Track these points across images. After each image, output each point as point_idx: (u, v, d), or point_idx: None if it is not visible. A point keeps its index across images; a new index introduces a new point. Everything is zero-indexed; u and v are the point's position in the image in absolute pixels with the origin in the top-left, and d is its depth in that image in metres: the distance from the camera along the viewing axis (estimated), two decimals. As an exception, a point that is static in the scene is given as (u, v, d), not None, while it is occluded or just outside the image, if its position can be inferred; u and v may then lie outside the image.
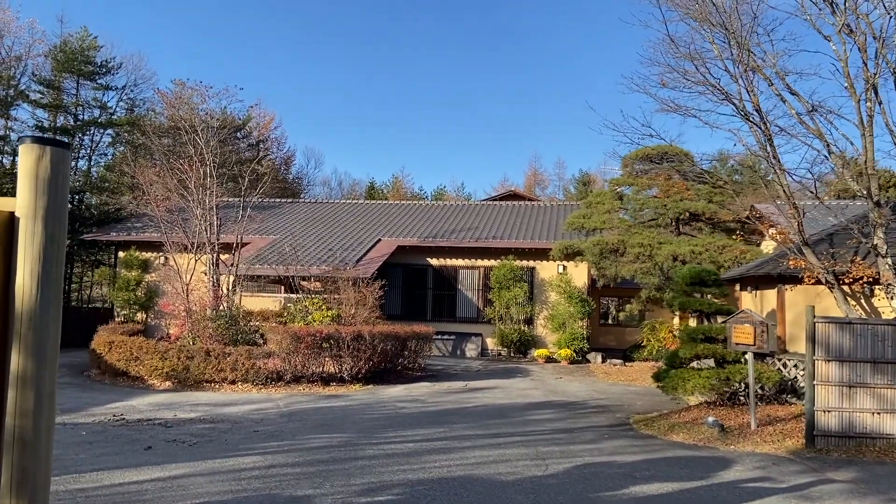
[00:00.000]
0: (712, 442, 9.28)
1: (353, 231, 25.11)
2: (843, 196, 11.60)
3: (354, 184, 61.98)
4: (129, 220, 27.02)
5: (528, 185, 60.55)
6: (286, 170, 44.40)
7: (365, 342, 14.99)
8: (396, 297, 23.43)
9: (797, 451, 8.62)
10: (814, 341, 8.69)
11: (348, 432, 9.74)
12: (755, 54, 10.23)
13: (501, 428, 10.36)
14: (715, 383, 10.59)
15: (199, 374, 14.64)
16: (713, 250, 17.98)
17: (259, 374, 14.61)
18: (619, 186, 20.98)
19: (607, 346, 25.41)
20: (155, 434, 9.48)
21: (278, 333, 14.82)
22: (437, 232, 24.67)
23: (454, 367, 19.33)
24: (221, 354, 14.70)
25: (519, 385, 16.00)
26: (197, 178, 17.61)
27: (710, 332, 10.98)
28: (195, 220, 17.78)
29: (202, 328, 16.34)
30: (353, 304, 17.90)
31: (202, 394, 13.81)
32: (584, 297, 22.72)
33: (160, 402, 12.58)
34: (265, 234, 24.48)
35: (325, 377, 15.13)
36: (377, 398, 13.57)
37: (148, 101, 33.96)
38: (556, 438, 9.56)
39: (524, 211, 27.72)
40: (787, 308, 12.14)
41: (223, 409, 11.82)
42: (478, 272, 23.80)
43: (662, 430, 10.26)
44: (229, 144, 29.48)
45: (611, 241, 18.80)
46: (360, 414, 11.54)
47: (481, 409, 12.41)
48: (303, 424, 10.38)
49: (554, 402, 13.59)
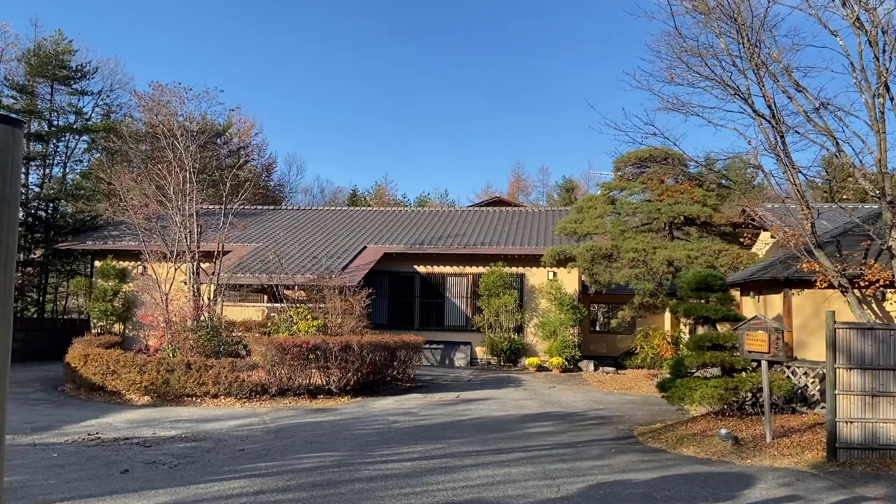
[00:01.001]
0: (726, 456, 8.79)
1: (337, 238, 24.48)
2: (849, 198, 11.18)
3: (337, 191, 61.27)
4: (105, 228, 26.18)
5: (512, 191, 60.22)
6: (267, 177, 43.66)
7: (353, 353, 14.38)
8: (383, 305, 22.83)
9: (819, 464, 8.14)
10: (835, 348, 8.24)
11: (341, 450, 9.13)
12: (763, 48, 9.82)
13: (501, 443, 9.81)
14: (723, 393, 10.11)
15: (180, 388, 13.94)
16: (709, 255, 17.59)
17: (243, 387, 13.94)
18: (611, 190, 20.53)
19: (598, 353, 24.95)
20: (133, 455, 8.81)
21: (263, 345, 14.17)
22: (424, 239, 24.12)
23: (444, 378, 18.75)
24: (203, 367, 14.02)
25: (512, 395, 15.46)
26: (176, 183, 16.92)
27: (717, 340, 10.51)
28: (174, 228, 17.08)
29: (182, 340, 15.66)
30: (339, 314, 17.30)
31: (183, 409, 13.12)
32: (575, 303, 22.26)
33: (139, 419, 11.89)
34: (247, 242, 23.79)
35: (312, 390, 14.50)
36: (367, 411, 12.96)
37: (125, 105, 33.17)
38: (561, 454, 9.02)
39: (512, 217, 27.25)
40: (794, 313, 11.72)
41: (206, 426, 11.16)
42: (466, 279, 23.26)
43: (671, 443, 9.75)
44: (209, 150, 28.76)
45: (604, 246, 18.35)
46: (351, 429, 10.93)
47: (477, 422, 11.85)
48: (291, 442, 9.75)
49: (551, 413, 13.06)
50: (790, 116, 10.02)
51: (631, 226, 19.36)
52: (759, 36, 9.61)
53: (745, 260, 17.45)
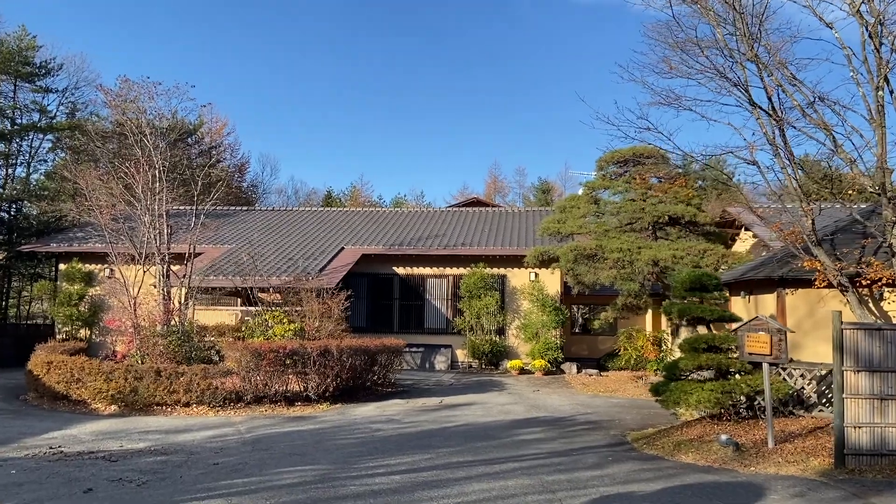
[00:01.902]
0: (728, 463, 8.38)
1: (314, 239, 23.84)
2: (843, 197, 10.86)
3: (311, 192, 60.30)
4: (70, 230, 25.24)
5: (489, 192, 59.84)
6: (240, 177, 42.69)
7: (332, 357, 13.80)
8: (361, 308, 22.23)
9: (827, 472, 7.77)
10: (842, 350, 7.87)
11: (322, 462, 8.56)
12: (762, 39, 9.46)
13: (492, 452, 9.31)
14: (720, 397, 9.72)
15: (149, 397, 13.24)
16: (694, 254, 17.28)
17: (216, 394, 13.29)
18: (594, 190, 20.16)
19: (580, 355, 24.60)
20: (97, 471, 8.16)
21: (237, 350, 13.52)
22: (403, 239, 23.57)
23: (425, 382, 18.23)
24: (174, 374, 13.33)
25: (497, 400, 15.00)
26: (145, 182, 16.18)
27: (713, 342, 10.13)
28: (143, 228, 16.33)
29: (152, 345, 14.95)
30: (317, 317, 16.69)
31: (153, 419, 12.44)
32: (557, 305, 21.88)
33: (105, 430, 11.19)
34: (220, 244, 23.06)
35: (290, 396, 13.89)
36: (348, 419, 12.39)
37: (91, 103, 32.14)
38: (556, 464, 8.55)
39: (493, 217, 26.82)
40: (788, 313, 11.39)
41: (177, 437, 10.51)
42: (447, 281, 22.76)
43: (668, 450, 9.33)
44: (180, 149, 27.88)
45: (588, 246, 17.95)
46: (332, 439, 10.36)
47: (464, 429, 11.35)
48: (269, 454, 9.15)
49: (539, 418, 12.62)
50: (786, 112, 9.66)
51: (614, 225, 19.00)
52: (761, 25, 9.26)
53: (731, 260, 17.18)
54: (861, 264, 9.70)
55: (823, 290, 10.70)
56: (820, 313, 10.99)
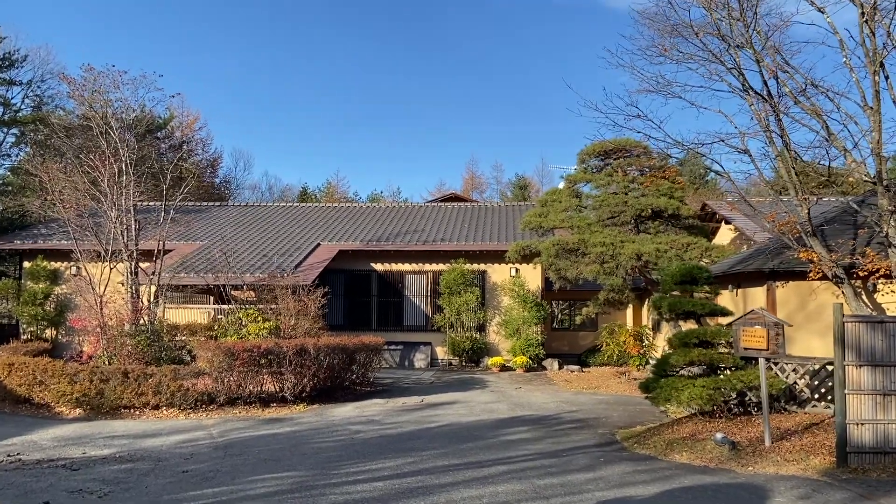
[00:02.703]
0: (725, 463, 8.03)
1: (289, 236, 23.24)
2: (835, 188, 10.59)
3: (286, 189, 59.34)
4: (35, 226, 24.38)
5: (466, 188, 59.45)
6: (212, 173, 41.79)
7: (309, 356, 13.28)
8: (339, 305, 21.70)
9: (829, 471, 7.44)
10: (843, 344, 7.55)
11: (300, 469, 8.06)
12: (755, 24, 9.12)
13: (479, 454, 8.88)
14: (712, 393, 9.38)
15: (116, 400, 12.63)
16: (678, 248, 17.00)
17: (187, 396, 12.70)
18: (576, 183, 19.82)
19: (560, 351, 24.30)
20: (57, 481, 7.60)
21: (209, 350, 12.94)
22: (381, 235, 23.07)
23: (405, 380, 17.77)
24: (142, 375, 12.72)
25: (480, 398, 14.59)
26: (111, 175, 15.50)
27: (705, 336, 9.78)
28: (109, 224, 15.65)
29: (119, 346, 14.30)
30: (292, 315, 16.15)
31: (119, 423, 11.83)
32: (538, 300, 21.53)
33: (68, 436, 10.59)
34: (192, 240, 22.37)
35: (265, 397, 13.35)
36: (326, 421, 11.88)
37: (57, 96, 31.18)
38: (547, 466, 8.14)
39: (472, 212, 26.40)
40: (779, 307, 11.11)
41: (144, 443, 9.94)
42: (426, 277, 22.30)
43: (660, 449, 8.97)
44: (149, 142, 26.95)
45: (570, 240, 17.59)
46: (309, 442, 9.86)
47: (447, 429, 10.91)
48: (243, 460, 8.63)
49: (524, 417, 12.22)
50: (781, 98, 9.32)
51: (597, 219, 18.67)
52: (756, 8, 8.92)
53: (714, 253, 16.94)
54: (856, 255, 9.41)
55: (815, 282, 10.42)
56: (811, 306, 10.73)
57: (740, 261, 12.23)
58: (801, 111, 9.41)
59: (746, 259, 12.09)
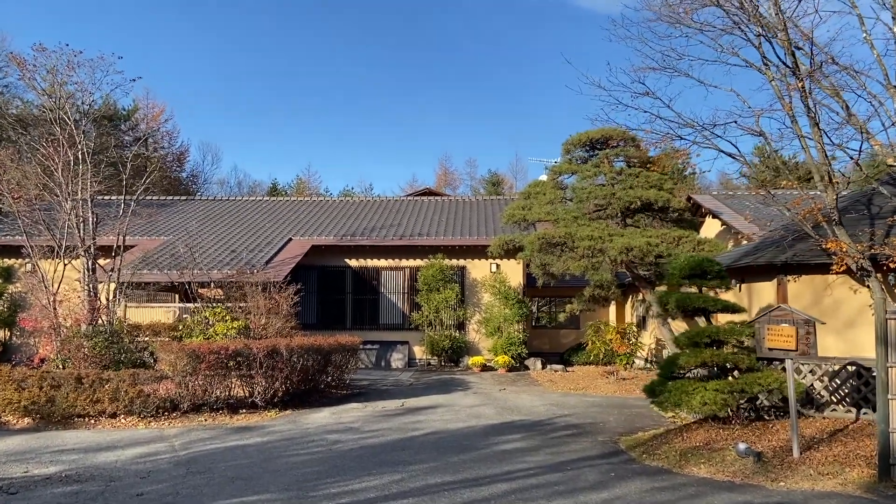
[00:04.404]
0: (752, 477, 7.24)
1: (259, 231, 22.13)
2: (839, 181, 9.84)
3: (255, 185, 57.81)
4: (-13, 221, 22.90)
5: (439, 184, 58.58)
6: (179, 167, 40.28)
7: (281, 358, 12.28)
8: (312, 303, 20.66)
9: (870, 485, 6.68)
10: (886, 343, 6.78)
11: (272, 490, 7.09)
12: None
13: (474, 468, 8.00)
14: (727, 397, 8.61)
15: (69, 408, 11.50)
16: (669, 242, 16.26)
17: (148, 403, 11.62)
18: (561, 174, 18.99)
19: (541, 350, 23.55)
20: (-12, 508, 6.55)
21: (171, 352, 11.87)
22: (356, 230, 22.06)
23: (382, 382, 16.83)
24: (97, 381, 11.61)
25: (464, 401, 13.71)
26: (65, 162, 14.31)
27: (717, 335, 9.01)
28: (64, 216, 14.47)
29: (75, 348, 13.14)
30: (263, 313, 15.11)
31: (72, 434, 10.72)
32: (520, 297, 20.72)
33: (11, 450, 9.48)
34: (156, 235, 21.15)
35: (233, 403, 12.32)
36: (301, 429, 10.90)
37: (13, 86, 29.63)
38: (553, 483, 7.27)
39: (450, 206, 25.50)
40: (791, 303, 10.36)
41: (97, 458, 8.88)
42: (403, 273, 21.35)
43: (674, 461, 8.16)
44: (107, 129, 25.56)
45: (557, 234, 16.75)
46: (283, 456, 8.88)
47: (434, 438, 10.01)
48: (207, 479, 7.63)
49: (515, 422, 11.36)
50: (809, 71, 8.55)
51: (583, 212, 17.87)
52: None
53: (707, 247, 16.23)
54: (883, 246, 8.69)
55: (830, 276, 9.71)
56: (826, 302, 10.02)
57: (746, 253, 11.51)
58: (821, 89, 8.64)
59: (752, 252, 11.37)
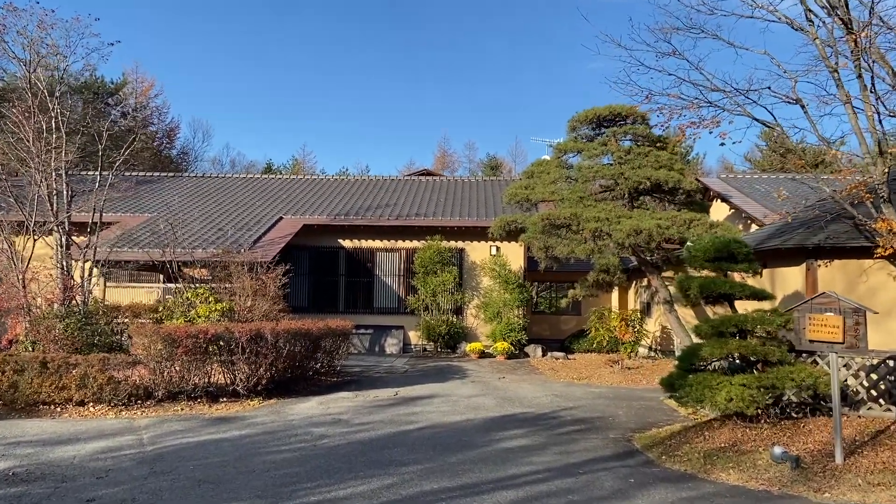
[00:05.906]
0: (790, 486, 6.37)
1: (249, 208, 21.17)
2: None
3: (250, 165, 56.59)
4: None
5: (437, 166, 57.51)
6: (169, 144, 39.10)
7: (266, 343, 11.37)
8: (303, 285, 19.76)
9: (929, 499, 5.83)
10: (951, 337, 5.92)
11: (243, 497, 6.19)
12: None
13: (474, 470, 7.11)
14: (755, 393, 7.73)
15: (33, 394, 10.61)
16: (679, 224, 15.36)
17: (118, 391, 10.72)
18: (566, 153, 18.02)
19: (542, 336, 22.68)
20: (-86, 514, 5.65)
21: (145, 335, 10.96)
22: (350, 209, 21.12)
23: (376, 369, 15.95)
24: (64, 365, 10.69)
25: (461, 391, 12.85)
26: (37, 130, 13.33)
27: (745, 325, 8.11)
28: (34, 188, 13.50)
29: (45, 329, 12.22)
30: (249, 295, 14.21)
31: (33, 423, 9.81)
32: (521, 281, 19.84)
33: (-38, 441, 8.58)
34: (139, 212, 20.22)
35: (213, 391, 11.45)
36: (284, 421, 10.00)
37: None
38: (566, 491, 6.39)
39: (448, 186, 24.54)
40: (821, 289, 9.48)
41: (54, 452, 7.97)
42: (399, 255, 20.43)
43: (698, 464, 7.28)
44: (86, 96, 24.39)
45: (562, 215, 15.82)
46: (260, 452, 7.99)
47: (429, 433, 9.13)
48: (171, 481, 6.73)
49: (517, 415, 10.49)
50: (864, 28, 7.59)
51: (589, 192, 16.93)
52: None
53: (720, 231, 15.33)
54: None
55: (867, 261, 8.82)
56: (861, 289, 9.13)
57: (769, 236, 10.62)
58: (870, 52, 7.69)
59: (776, 234, 10.47)
